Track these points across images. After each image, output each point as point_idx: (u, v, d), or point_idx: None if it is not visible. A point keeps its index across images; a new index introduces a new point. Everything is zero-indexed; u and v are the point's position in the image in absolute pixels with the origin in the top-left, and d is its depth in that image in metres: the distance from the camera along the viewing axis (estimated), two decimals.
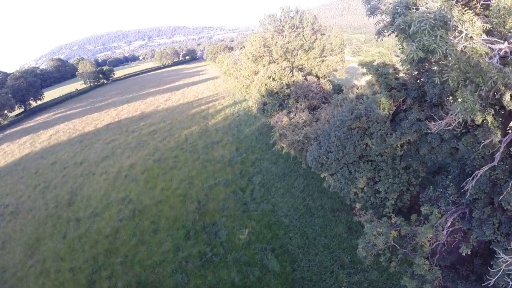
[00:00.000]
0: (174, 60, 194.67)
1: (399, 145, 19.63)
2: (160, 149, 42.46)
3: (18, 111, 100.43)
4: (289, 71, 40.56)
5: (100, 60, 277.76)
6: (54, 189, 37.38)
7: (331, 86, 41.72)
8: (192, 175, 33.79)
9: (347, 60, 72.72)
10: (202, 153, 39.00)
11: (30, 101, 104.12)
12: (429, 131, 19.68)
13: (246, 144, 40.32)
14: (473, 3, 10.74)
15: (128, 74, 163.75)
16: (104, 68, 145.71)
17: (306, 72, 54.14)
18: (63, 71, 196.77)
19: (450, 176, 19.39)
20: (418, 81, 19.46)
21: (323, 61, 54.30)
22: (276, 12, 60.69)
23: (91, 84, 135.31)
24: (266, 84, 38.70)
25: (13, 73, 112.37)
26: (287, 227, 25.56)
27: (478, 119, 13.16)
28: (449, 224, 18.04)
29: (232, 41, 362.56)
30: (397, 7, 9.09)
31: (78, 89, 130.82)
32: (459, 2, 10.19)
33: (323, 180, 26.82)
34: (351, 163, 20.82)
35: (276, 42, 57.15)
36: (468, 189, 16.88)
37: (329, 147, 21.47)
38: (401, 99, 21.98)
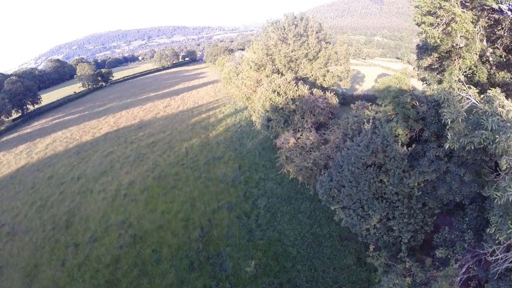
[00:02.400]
0: (174, 62, 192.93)
1: (416, 184, 18.51)
2: (160, 165, 41.18)
3: (15, 115, 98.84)
4: (295, 84, 39.28)
5: (99, 61, 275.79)
6: (51, 208, 36.11)
7: (337, 100, 40.49)
8: (194, 196, 32.57)
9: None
10: (204, 170, 37.74)
11: (28, 105, 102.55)
12: (448, 170, 18.60)
13: (249, 161, 39.08)
14: None
15: (127, 76, 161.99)
16: (103, 70, 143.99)
17: (310, 81, 53.03)
18: (61, 72, 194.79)
19: (467, 219, 18.35)
20: (438, 114, 18.33)
21: (328, 71, 53.10)
22: (279, 19, 59.56)
23: (90, 87, 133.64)
24: (270, 99, 37.41)
25: (10, 76, 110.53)
26: (294, 258, 24.44)
27: None
28: (464, 270, 17.23)
29: (232, 41, 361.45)
30: None
31: (77, 92, 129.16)
32: None
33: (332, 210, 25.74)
34: (365, 199, 19.66)
35: (280, 51, 55.90)
36: (486, 239, 15.95)
37: (341, 180, 20.31)
38: (418, 129, 20.90)
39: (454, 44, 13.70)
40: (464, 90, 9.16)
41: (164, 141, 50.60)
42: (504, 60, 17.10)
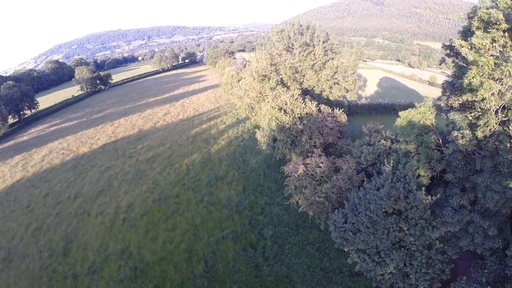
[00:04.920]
0: (174, 64, 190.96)
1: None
2: (160, 184, 39.55)
3: (12, 120, 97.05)
4: (302, 101, 37.66)
5: (99, 61, 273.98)
6: (47, 232, 34.49)
7: (346, 118, 38.97)
8: (197, 223, 31.02)
9: None
10: (206, 192, 36.14)
11: (25, 110, 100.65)
12: (472, 221, 17.14)
13: (253, 182, 37.54)
14: None
15: (127, 79, 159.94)
16: (102, 73, 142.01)
17: (316, 94, 51.41)
18: (60, 74, 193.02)
19: (486, 271, 16.99)
20: (465, 158, 16.79)
21: (335, 83, 51.46)
22: (284, 28, 58.00)
23: (88, 91, 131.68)
24: (277, 118, 35.81)
25: (7, 81, 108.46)
26: None
27: None
28: None
29: (232, 42, 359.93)
30: None
31: (75, 95, 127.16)
32: None
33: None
34: (382, 247, 18.19)
35: (285, 61, 54.28)
36: None
37: (357, 224, 18.84)
38: (440, 169, 19.41)
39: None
40: None
41: (163, 155, 48.97)
42: None
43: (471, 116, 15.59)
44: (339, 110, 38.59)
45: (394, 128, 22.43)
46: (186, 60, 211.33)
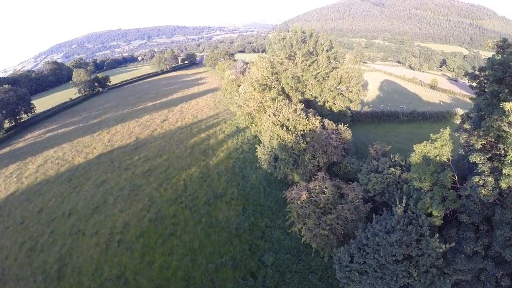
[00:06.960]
0: (173, 65, 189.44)
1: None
2: (156, 201, 38.31)
3: (8, 124, 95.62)
4: (305, 116, 36.34)
5: (98, 61, 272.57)
6: (41, 252, 33.29)
7: (351, 134, 37.69)
8: (194, 247, 29.83)
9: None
10: (204, 212, 34.93)
11: (21, 115, 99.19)
12: (484, 268, 16.00)
13: (253, 201, 36.34)
14: None
15: (125, 81, 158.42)
16: (100, 76, 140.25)
17: (319, 105, 50.14)
18: (59, 75, 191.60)
19: None
20: (482, 202, 15.64)
21: (339, 94, 50.12)
22: (286, 35, 56.65)
23: (86, 93, 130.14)
24: (279, 136, 34.51)
25: (5, 82, 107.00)
26: None
27: None
28: None
29: (232, 42, 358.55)
30: None
31: (73, 98, 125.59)
32: None
33: None
34: None
35: (287, 70, 52.99)
36: None
37: (364, 266, 17.67)
38: (453, 208, 18.23)
39: None
40: None
41: (161, 168, 47.71)
42: None
43: (493, 157, 14.40)
44: (343, 126, 37.33)
45: (399, 138, 21.28)
46: (186, 62, 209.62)
